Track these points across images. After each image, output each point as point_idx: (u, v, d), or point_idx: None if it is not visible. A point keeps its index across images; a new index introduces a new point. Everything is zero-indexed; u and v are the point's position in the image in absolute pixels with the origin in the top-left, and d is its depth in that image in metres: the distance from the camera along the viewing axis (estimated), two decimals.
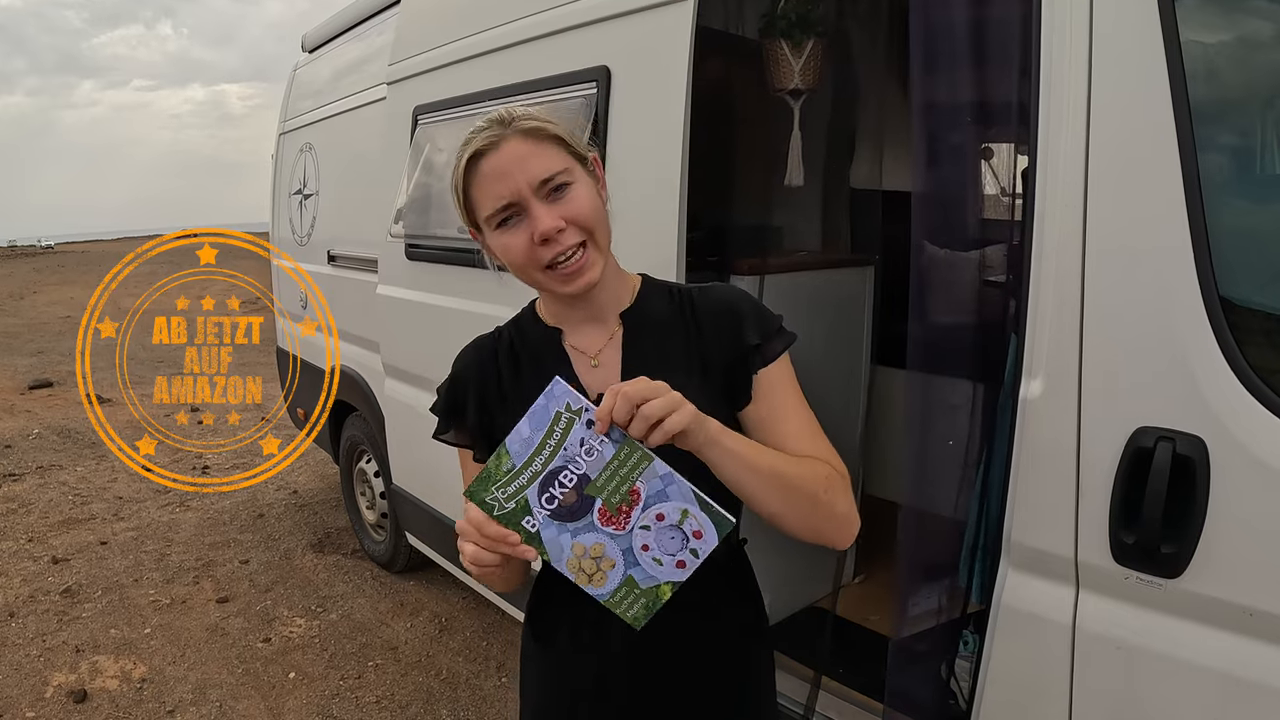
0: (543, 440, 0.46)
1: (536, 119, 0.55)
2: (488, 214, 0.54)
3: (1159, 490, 0.63)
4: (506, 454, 0.46)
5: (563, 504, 0.47)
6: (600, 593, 0.48)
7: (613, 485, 0.47)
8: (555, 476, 0.46)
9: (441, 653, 1.78)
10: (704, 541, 0.48)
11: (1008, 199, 0.94)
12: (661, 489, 0.47)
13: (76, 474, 3.03)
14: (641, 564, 0.48)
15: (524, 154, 0.53)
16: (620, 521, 0.47)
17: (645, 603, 0.48)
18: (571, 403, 0.46)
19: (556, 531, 0.47)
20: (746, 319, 0.59)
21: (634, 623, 0.49)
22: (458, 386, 0.60)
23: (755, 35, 1.28)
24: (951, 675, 0.89)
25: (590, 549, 0.47)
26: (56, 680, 1.67)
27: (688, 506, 0.47)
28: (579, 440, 0.46)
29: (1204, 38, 0.65)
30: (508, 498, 0.47)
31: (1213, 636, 0.64)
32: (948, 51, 0.81)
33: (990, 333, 0.85)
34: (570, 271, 0.53)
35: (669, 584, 0.48)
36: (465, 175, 0.55)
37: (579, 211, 0.53)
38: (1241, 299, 0.64)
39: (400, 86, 1.68)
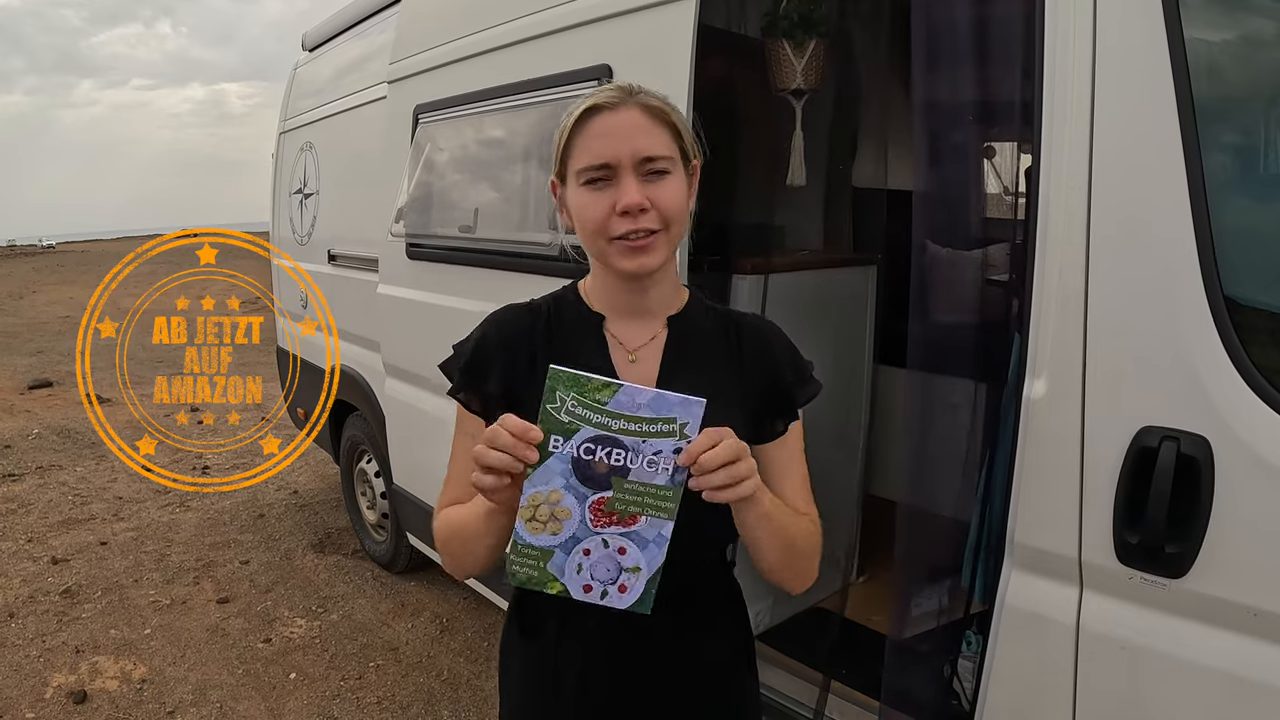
0: (641, 419, 0.45)
1: (662, 101, 0.55)
2: (581, 166, 0.54)
3: (1163, 490, 0.63)
4: (610, 392, 0.45)
5: (591, 465, 0.46)
6: (522, 537, 0.47)
7: (630, 499, 0.47)
8: (612, 445, 0.46)
9: (443, 653, 1.78)
10: (620, 597, 0.48)
11: (1010, 198, 0.94)
12: (648, 542, 0.47)
13: (76, 474, 3.03)
14: (570, 556, 0.47)
15: (639, 125, 0.53)
16: (599, 520, 0.47)
17: (534, 576, 0.48)
18: (690, 424, 0.46)
19: (560, 471, 0.46)
20: (787, 361, 0.60)
21: (510, 576, 0.48)
22: (484, 349, 0.59)
23: (757, 34, 1.28)
24: (954, 675, 0.89)
25: (559, 509, 0.47)
26: (56, 681, 1.67)
27: (645, 570, 0.48)
28: (658, 449, 0.46)
29: (1208, 35, 0.64)
30: (571, 415, 0.45)
31: (1217, 637, 0.64)
32: (949, 50, 0.81)
33: (993, 332, 0.85)
34: (637, 246, 0.53)
35: (563, 586, 0.48)
36: (575, 124, 0.54)
37: (667, 201, 0.53)
38: (1246, 298, 0.64)
39: (401, 85, 1.68)
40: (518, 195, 1.38)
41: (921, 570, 0.94)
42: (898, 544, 0.90)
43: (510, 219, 1.39)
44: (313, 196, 2.37)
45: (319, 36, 2.45)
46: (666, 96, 0.56)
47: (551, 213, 1.23)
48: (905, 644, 0.91)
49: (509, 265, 1.34)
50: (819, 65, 1.21)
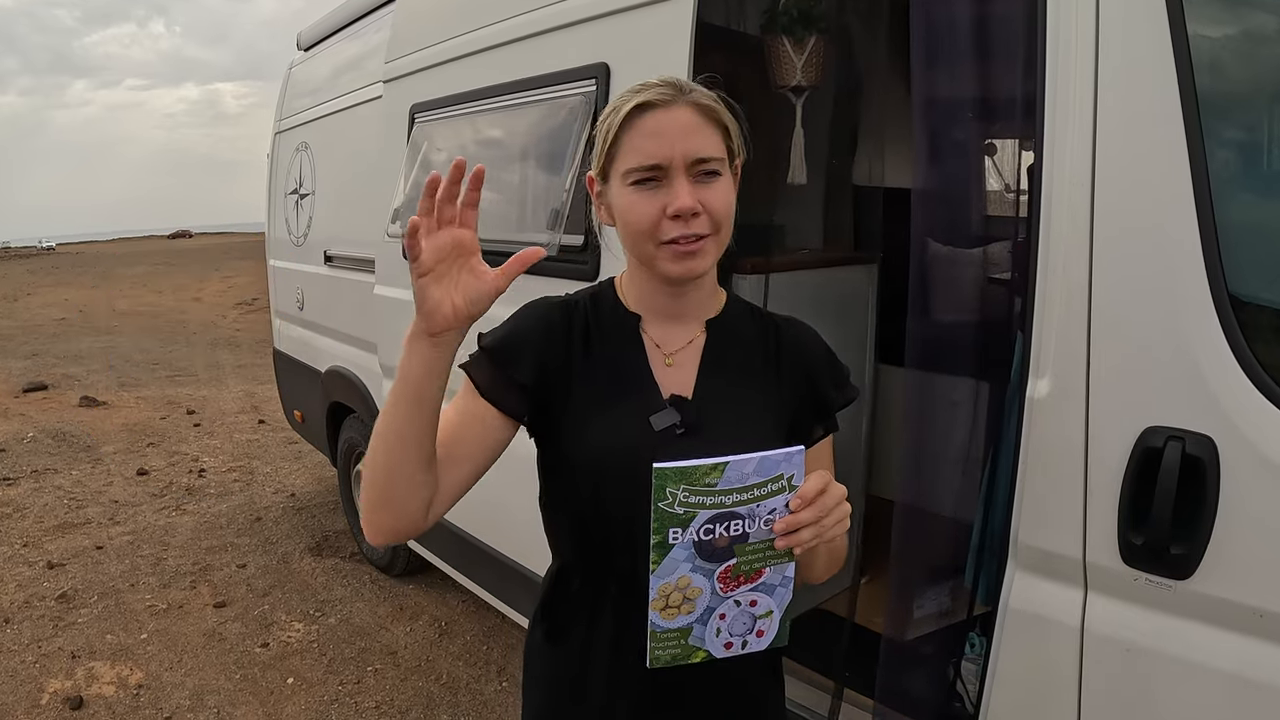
0: (753, 486, 0.46)
1: (714, 99, 0.53)
2: (629, 167, 0.52)
3: (1168, 490, 0.63)
4: (719, 472, 0.46)
5: (714, 544, 0.47)
6: (659, 623, 0.49)
7: (755, 557, 0.48)
8: (729, 519, 0.47)
9: (441, 657, 1.77)
10: (759, 641, 0.50)
11: (1012, 195, 0.94)
12: (775, 585, 0.49)
13: (71, 478, 3.00)
14: (708, 625, 0.49)
15: (692, 126, 0.51)
16: (728, 586, 0.48)
17: (677, 654, 0.49)
18: (796, 475, 0.47)
19: (684, 558, 0.47)
20: (825, 366, 0.59)
21: (653, 660, 0.50)
22: (516, 339, 0.56)
23: (756, 31, 1.27)
24: (958, 677, 0.88)
25: (691, 589, 0.48)
26: (52, 687, 1.65)
27: (775, 610, 0.50)
28: (772, 508, 0.47)
29: (1212, 30, 0.64)
30: (685, 505, 0.46)
31: (1223, 638, 0.63)
32: (950, 46, 0.81)
33: (994, 331, 0.85)
34: (686, 250, 0.51)
35: (706, 654, 0.50)
36: (624, 121, 0.52)
37: (718, 204, 0.52)
38: (1251, 296, 0.63)
39: (396, 85, 1.67)
40: (515, 195, 1.37)
41: (920, 571, 0.93)
42: (894, 544, 0.90)
43: (508, 219, 1.38)
44: (309, 197, 2.35)
45: (314, 36, 2.43)
46: (719, 93, 0.54)
47: (552, 213, 1.22)
48: (902, 644, 0.90)
49: None
50: (819, 62, 1.20)
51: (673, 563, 0.47)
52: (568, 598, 0.59)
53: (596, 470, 0.54)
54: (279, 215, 2.60)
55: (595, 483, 0.55)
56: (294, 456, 3.25)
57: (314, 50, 2.45)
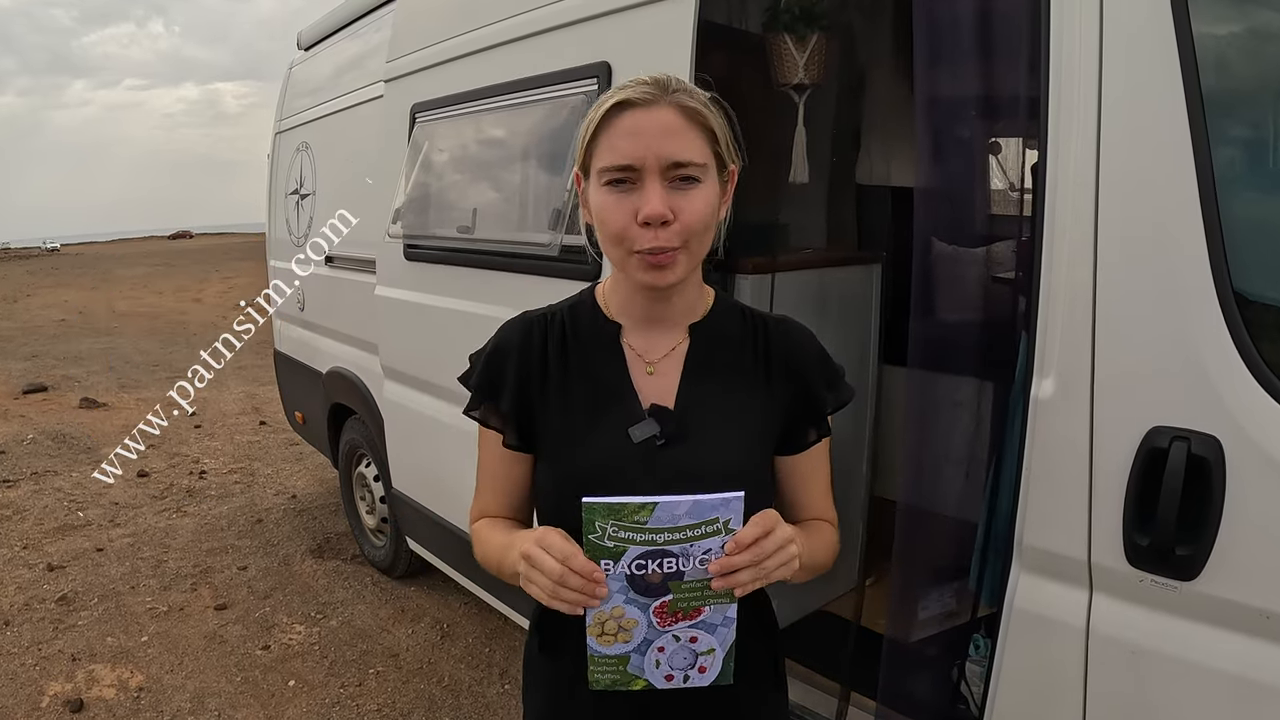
0: (686, 528, 0.46)
1: (700, 101, 0.51)
2: (604, 165, 0.50)
3: (1174, 491, 0.62)
4: (648, 511, 0.45)
5: (646, 579, 0.47)
6: (597, 649, 0.49)
7: (691, 596, 0.48)
8: (662, 557, 0.46)
9: (443, 660, 1.76)
10: (701, 676, 0.50)
11: (1016, 194, 0.93)
12: (716, 624, 0.48)
13: (71, 479, 3.00)
14: (645, 656, 0.49)
15: (672, 127, 0.49)
16: (665, 621, 0.48)
17: (616, 679, 0.49)
18: (734, 520, 0.46)
19: (617, 589, 0.47)
20: (817, 367, 0.58)
21: (593, 683, 0.49)
22: (496, 362, 0.56)
23: (758, 29, 1.26)
24: (963, 679, 0.88)
25: (625, 619, 0.48)
26: (53, 690, 1.65)
27: (718, 648, 0.49)
28: (707, 549, 0.46)
29: (1217, 28, 0.63)
30: (614, 540, 0.46)
31: (1229, 640, 0.63)
32: (953, 44, 0.80)
33: (999, 331, 0.84)
34: (656, 262, 0.50)
35: (646, 682, 0.50)
36: (603, 119, 0.50)
37: (691, 214, 0.49)
38: (1257, 294, 0.63)
39: (397, 84, 1.66)
40: (517, 195, 1.37)
41: (923, 572, 0.93)
42: (897, 545, 0.89)
43: (509, 219, 1.37)
44: (309, 197, 2.35)
45: (314, 35, 2.43)
46: (712, 95, 0.52)
47: (553, 212, 1.22)
48: (906, 646, 0.90)
49: (508, 266, 1.33)
50: (821, 60, 1.19)
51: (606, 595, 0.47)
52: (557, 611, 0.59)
53: (577, 486, 0.53)
54: (279, 216, 2.60)
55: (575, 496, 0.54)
56: (295, 458, 3.24)
57: (314, 50, 2.44)
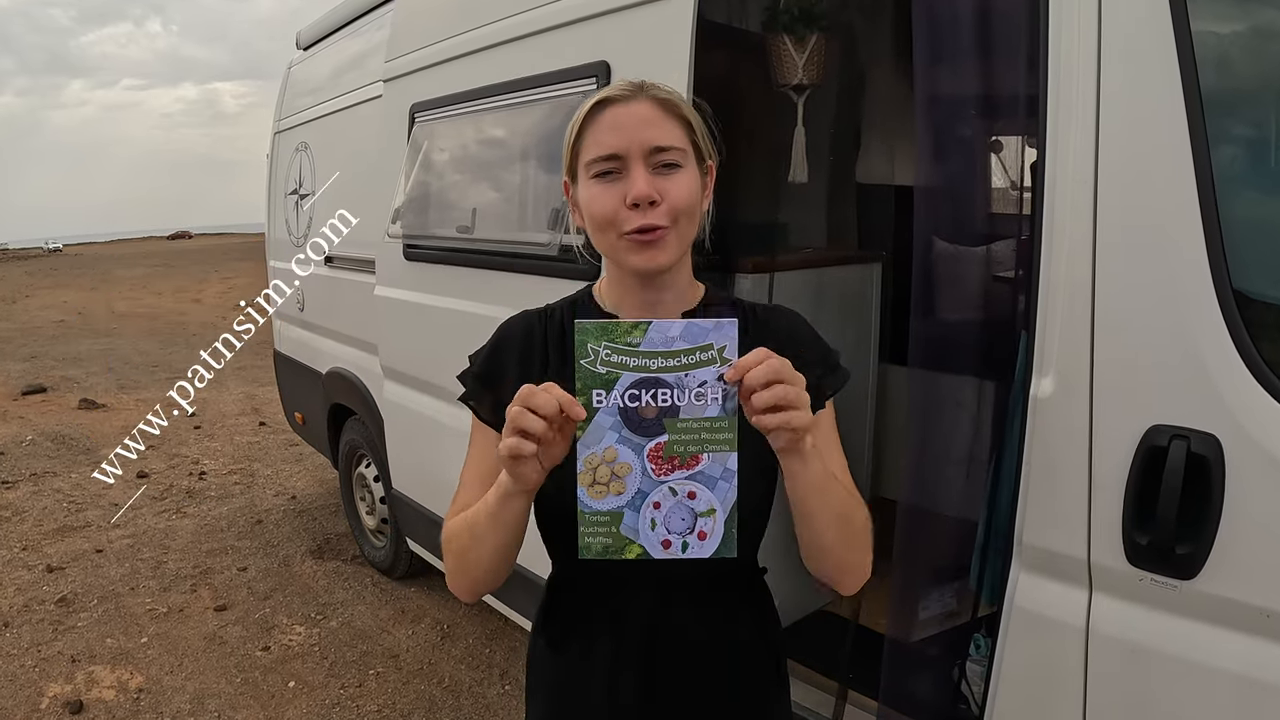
0: (680, 353, 0.44)
1: (674, 95, 0.54)
2: (590, 158, 0.53)
3: (1173, 489, 0.62)
4: (640, 331, 0.43)
5: (639, 412, 0.44)
6: (586, 503, 0.45)
7: (688, 439, 0.45)
8: (656, 386, 0.44)
9: (444, 660, 1.76)
10: (701, 545, 0.46)
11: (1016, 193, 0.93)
12: (716, 477, 0.45)
13: (71, 481, 3.00)
14: (640, 513, 0.45)
15: (649, 118, 0.52)
16: (661, 468, 0.45)
17: (609, 544, 0.46)
18: (728, 347, 0.44)
19: (610, 425, 0.44)
20: (812, 352, 0.58)
21: (583, 549, 0.46)
22: (498, 356, 0.57)
23: (758, 29, 1.27)
24: (963, 679, 0.88)
25: (619, 465, 0.45)
26: (52, 691, 1.65)
27: (718, 508, 0.45)
28: (702, 380, 0.44)
29: (1215, 26, 0.63)
30: (607, 364, 0.44)
31: (1229, 639, 0.63)
32: (952, 42, 0.80)
33: (999, 329, 0.84)
34: (647, 240, 0.52)
35: (641, 548, 0.46)
36: (585, 118, 0.53)
37: (677, 195, 0.52)
38: (1256, 292, 0.63)
39: (396, 84, 1.66)
40: (516, 195, 1.37)
41: (924, 571, 0.93)
42: (897, 544, 0.89)
43: (509, 219, 1.37)
44: (309, 197, 2.35)
45: (313, 35, 2.43)
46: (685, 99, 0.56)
47: (552, 212, 1.22)
48: (907, 646, 0.90)
49: (508, 266, 1.33)
50: (820, 60, 1.20)
51: (598, 430, 0.44)
52: (567, 606, 0.59)
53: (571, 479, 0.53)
54: (279, 216, 2.60)
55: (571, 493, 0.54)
56: (295, 459, 3.24)
57: (313, 50, 2.44)
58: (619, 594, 0.55)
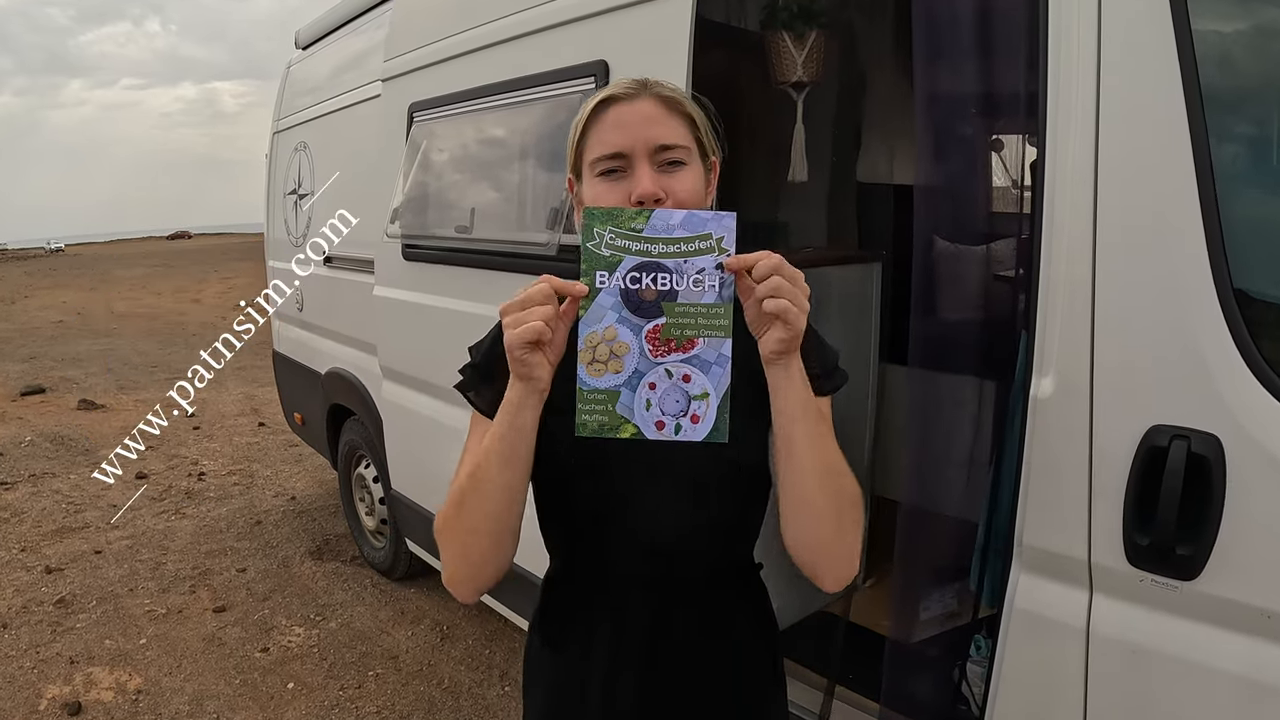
0: (680, 240, 0.45)
1: (678, 92, 0.55)
2: (595, 157, 0.53)
3: (1174, 490, 0.62)
4: (644, 218, 0.45)
5: (639, 294, 0.46)
6: (586, 382, 0.47)
7: (684, 322, 0.46)
8: (656, 271, 0.46)
9: (443, 661, 1.76)
10: (694, 428, 0.47)
11: (1016, 191, 0.93)
12: (710, 362, 0.47)
13: (70, 481, 2.99)
14: (636, 393, 0.47)
15: (654, 116, 0.53)
16: (658, 349, 0.46)
17: (604, 422, 0.47)
18: (726, 238, 0.46)
19: (611, 305, 0.46)
20: (811, 352, 0.58)
21: (580, 427, 0.47)
22: (499, 349, 0.56)
23: (757, 27, 1.26)
24: (964, 680, 0.88)
25: (618, 344, 0.46)
26: (50, 693, 1.64)
27: (711, 393, 0.47)
28: (700, 267, 0.46)
29: (1216, 23, 0.63)
30: (611, 247, 0.46)
31: (1230, 640, 0.63)
32: (952, 40, 0.80)
33: (999, 329, 0.84)
34: None
35: (635, 428, 0.47)
36: (590, 116, 0.54)
37: (682, 192, 0.52)
38: (1257, 292, 0.62)
39: (395, 83, 1.66)
40: (515, 194, 1.37)
41: (924, 572, 0.93)
42: (898, 545, 0.89)
43: (508, 218, 1.37)
44: (308, 197, 2.34)
45: (312, 34, 2.42)
46: (692, 93, 0.56)
47: (551, 212, 1.21)
48: (907, 647, 0.90)
49: (507, 266, 1.33)
50: (820, 57, 1.19)
51: (599, 310, 0.46)
52: (564, 602, 0.59)
53: (574, 469, 0.54)
54: (278, 216, 2.59)
55: (574, 481, 0.55)
56: (294, 459, 3.23)
57: (312, 49, 2.43)
58: (616, 591, 0.55)
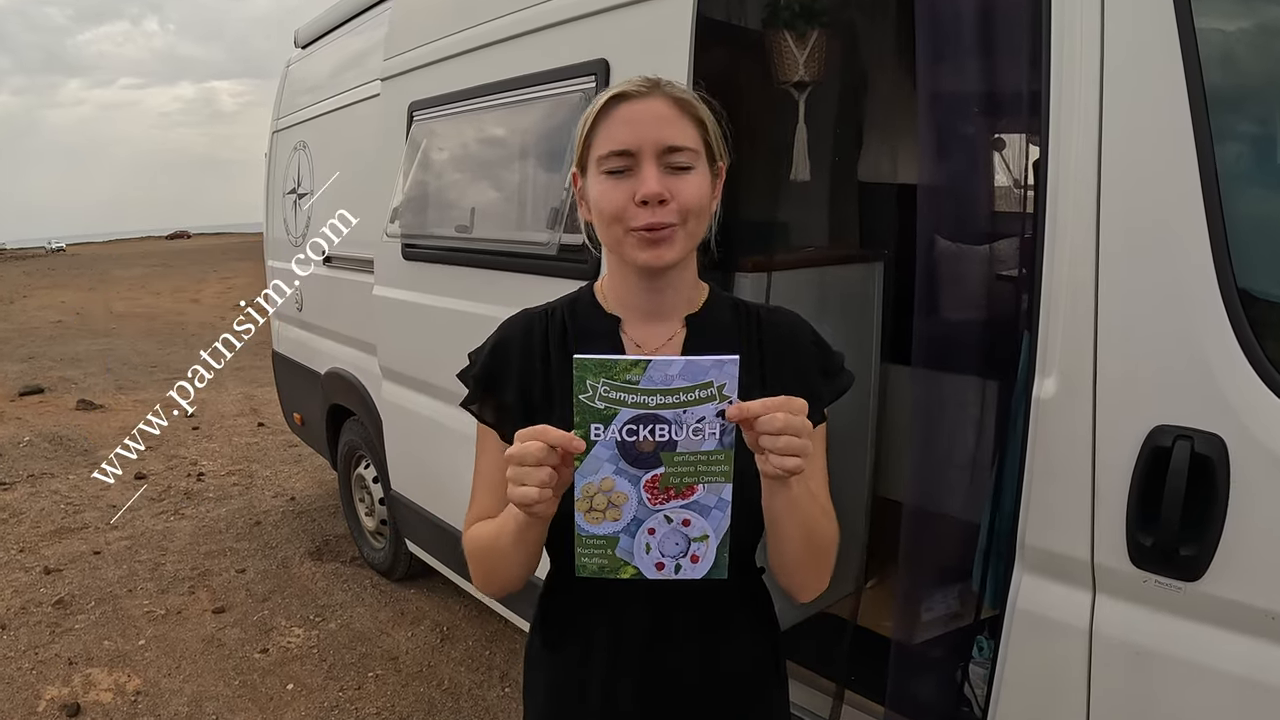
0: (679, 390, 0.44)
1: (690, 95, 0.54)
2: (602, 153, 0.52)
3: (1177, 490, 0.62)
4: (640, 369, 0.44)
5: (637, 446, 0.45)
6: (584, 529, 0.46)
7: (684, 471, 0.45)
8: (654, 422, 0.44)
9: (443, 663, 1.75)
10: (694, 567, 0.47)
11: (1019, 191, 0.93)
12: (710, 507, 0.46)
13: (68, 482, 2.99)
14: (636, 538, 0.46)
15: (664, 115, 0.52)
16: (657, 498, 0.46)
17: (604, 564, 0.47)
18: (728, 385, 0.44)
19: (607, 458, 0.45)
20: (813, 355, 0.58)
21: (580, 568, 0.47)
22: (498, 356, 0.57)
23: (758, 26, 1.25)
24: (966, 681, 0.88)
25: (615, 494, 0.46)
26: (49, 694, 1.64)
27: (713, 536, 0.46)
28: (700, 415, 0.44)
29: (1220, 23, 0.63)
30: (605, 400, 0.44)
31: (1234, 641, 0.63)
32: (954, 39, 0.80)
33: (1001, 329, 0.84)
34: (655, 238, 0.52)
35: (635, 569, 0.47)
36: (599, 112, 0.53)
37: (688, 195, 0.52)
38: (1261, 291, 0.62)
39: (394, 82, 1.65)
40: (515, 194, 1.36)
41: (928, 573, 0.92)
42: (902, 546, 0.89)
43: (508, 218, 1.37)
44: (307, 197, 2.34)
45: (311, 33, 2.42)
46: (701, 94, 0.55)
47: (551, 211, 1.21)
48: (911, 649, 0.89)
49: (507, 266, 1.32)
50: (822, 57, 1.19)
51: (595, 461, 0.45)
52: (564, 605, 0.59)
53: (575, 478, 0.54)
54: (277, 215, 2.59)
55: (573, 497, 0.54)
56: (294, 459, 3.23)
57: (312, 48, 2.43)
58: (615, 595, 0.55)
